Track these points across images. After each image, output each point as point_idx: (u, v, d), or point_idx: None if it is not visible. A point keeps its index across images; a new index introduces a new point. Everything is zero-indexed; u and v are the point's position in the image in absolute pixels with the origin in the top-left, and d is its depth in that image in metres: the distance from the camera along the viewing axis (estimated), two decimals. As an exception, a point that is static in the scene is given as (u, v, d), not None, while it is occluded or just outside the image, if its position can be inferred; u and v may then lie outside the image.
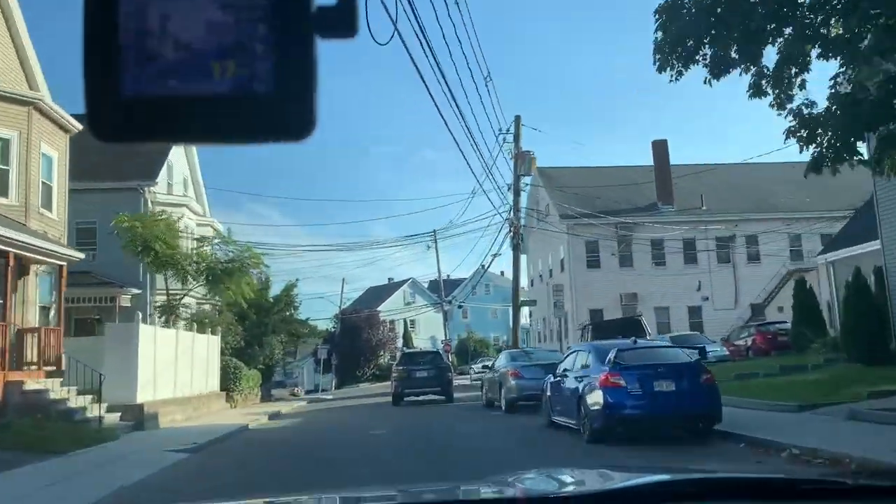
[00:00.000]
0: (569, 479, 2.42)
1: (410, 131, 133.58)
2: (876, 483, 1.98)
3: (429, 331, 76.26)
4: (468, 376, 63.39)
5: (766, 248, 39.61)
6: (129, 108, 0.72)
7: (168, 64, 0.71)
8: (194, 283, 23.56)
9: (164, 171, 28.43)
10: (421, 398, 25.56)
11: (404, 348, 52.63)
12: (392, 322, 72.53)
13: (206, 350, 24.22)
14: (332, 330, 72.08)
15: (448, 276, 64.63)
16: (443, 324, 62.11)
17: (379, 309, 71.99)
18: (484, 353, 75.33)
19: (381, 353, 69.47)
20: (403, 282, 75.98)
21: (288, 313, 34.56)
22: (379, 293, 77.05)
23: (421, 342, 74.67)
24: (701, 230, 39.49)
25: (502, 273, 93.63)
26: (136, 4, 0.72)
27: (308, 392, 63.84)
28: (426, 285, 78.68)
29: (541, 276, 46.18)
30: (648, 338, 27.18)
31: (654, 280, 39.58)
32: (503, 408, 18.91)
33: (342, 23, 0.75)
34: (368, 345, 68.19)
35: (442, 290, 59.23)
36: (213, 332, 26.11)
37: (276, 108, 0.73)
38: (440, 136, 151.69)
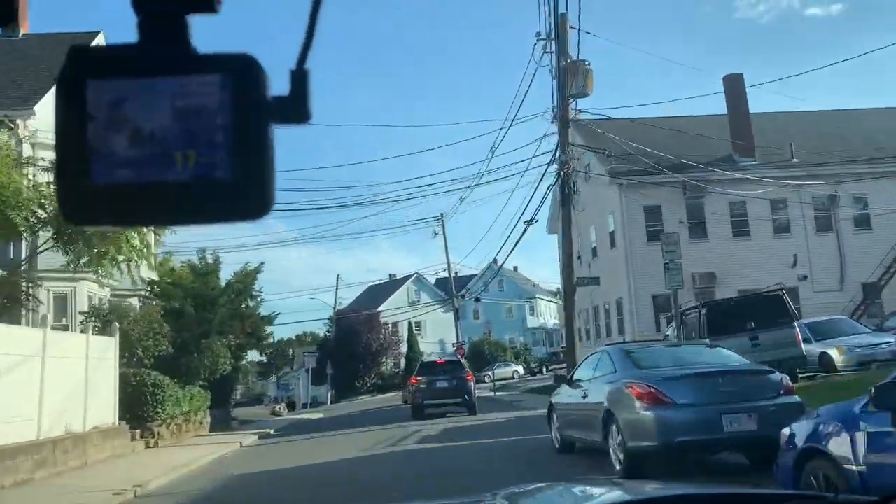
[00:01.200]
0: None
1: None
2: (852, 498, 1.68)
3: (437, 333, 66.36)
4: (487, 385, 53.82)
5: (880, 212, 29.78)
6: (98, 196, 0.75)
7: (134, 155, 0.75)
8: (38, 238, 13.93)
9: (47, 102, 18.88)
10: (442, 409, 23.13)
11: (422, 358, 43.02)
12: (395, 324, 62.71)
13: (81, 360, 14.43)
14: (327, 335, 62.32)
15: (456, 273, 54.52)
16: (454, 324, 52.37)
17: (380, 309, 62.18)
18: (500, 357, 65.47)
19: (384, 359, 59.62)
20: (406, 278, 66.21)
21: (243, 306, 24.68)
22: (379, 292, 67.27)
23: (428, 346, 64.73)
24: (793, 189, 29.70)
25: (516, 268, 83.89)
26: (105, 101, 0.76)
27: (304, 406, 54.13)
28: (432, 282, 68.93)
29: (579, 257, 36.33)
30: (796, 323, 17.45)
31: (736, 255, 29.78)
32: (620, 463, 8.90)
33: (295, 111, 0.79)
34: (368, 350, 58.39)
35: (452, 283, 49.45)
36: (107, 332, 16.34)
37: (235, 192, 0.76)
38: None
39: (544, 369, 60.57)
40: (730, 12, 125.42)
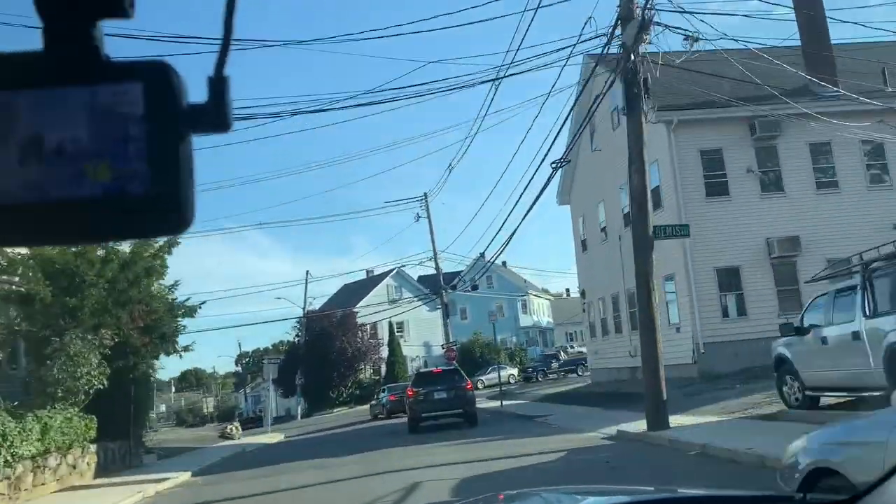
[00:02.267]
0: None
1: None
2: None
3: (422, 334, 58.41)
4: (481, 391, 45.90)
5: None
6: (4, 215, 0.71)
7: (40, 170, 0.71)
8: None
9: None
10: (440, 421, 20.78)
11: (420, 369, 35.36)
12: (374, 325, 54.69)
13: None
14: (296, 339, 54.17)
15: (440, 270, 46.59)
16: (442, 322, 44.56)
17: (356, 308, 54.13)
18: (493, 359, 57.69)
19: (361, 366, 51.56)
20: (386, 273, 58.21)
21: (135, 289, 16.07)
22: (356, 291, 59.22)
23: (412, 349, 56.72)
24: (891, 127, 22.31)
25: (505, 264, 76.29)
26: (8, 112, 0.71)
27: (270, 423, 46.10)
28: (415, 278, 61.06)
29: (603, 229, 28.60)
30: None
31: (821, 213, 22.29)
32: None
33: (215, 119, 0.74)
34: (343, 356, 50.26)
35: (440, 274, 41.57)
36: None
37: (152, 206, 0.72)
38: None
39: (539, 376, 52.76)
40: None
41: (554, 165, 17.69)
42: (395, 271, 57.45)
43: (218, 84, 0.75)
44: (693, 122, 22.19)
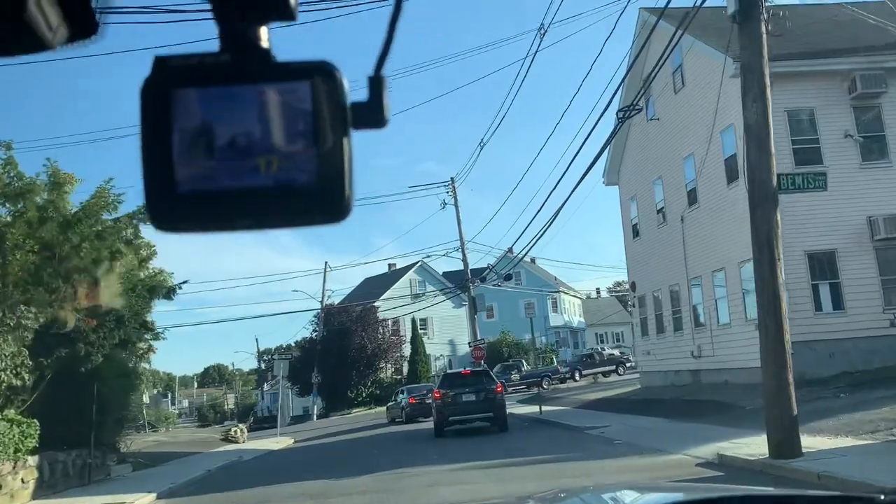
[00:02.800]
0: None
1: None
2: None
3: (446, 331, 54.80)
4: (509, 392, 42.42)
5: None
6: (184, 203, 0.77)
7: (218, 162, 0.77)
8: None
9: None
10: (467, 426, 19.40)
11: (447, 370, 32.02)
12: (395, 322, 51.20)
13: None
14: (313, 335, 50.84)
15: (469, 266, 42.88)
16: (467, 319, 40.93)
17: (377, 303, 50.69)
18: (522, 359, 54.01)
19: (382, 364, 48.12)
20: (409, 267, 54.68)
21: (83, 252, 12.45)
22: (377, 285, 55.76)
23: (436, 347, 53.10)
24: None
25: (534, 260, 72.49)
26: (188, 110, 0.77)
27: (295, 419, 42.97)
28: (440, 272, 57.48)
29: (660, 210, 24.78)
30: None
31: (935, 188, 18.34)
32: None
33: (373, 116, 0.80)
34: (363, 354, 46.85)
35: (466, 264, 37.91)
36: None
37: (316, 196, 0.78)
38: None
39: (577, 375, 49.12)
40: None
41: (621, 115, 13.96)
42: (418, 264, 53.87)
43: (376, 83, 0.80)
44: (779, 76, 18.35)
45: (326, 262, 48.60)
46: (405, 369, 48.74)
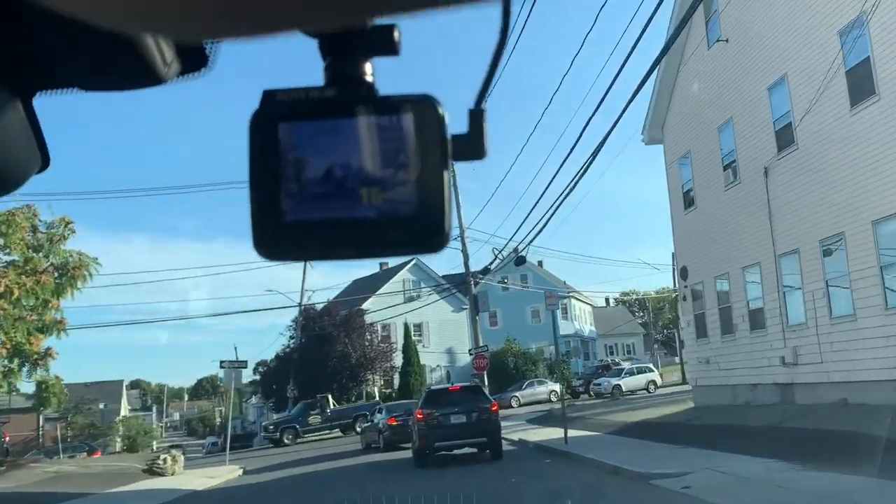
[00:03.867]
0: None
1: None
2: None
3: (444, 339, 48.12)
4: (517, 412, 35.85)
5: None
6: (289, 232, 0.79)
7: (323, 192, 0.79)
8: None
9: None
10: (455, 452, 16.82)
11: (431, 386, 25.21)
12: (386, 328, 44.65)
13: None
14: (290, 342, 44.23)
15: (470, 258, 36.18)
16: (469, 322, 34.38)
17: (364, 307, 44.13)
18: (530, 371, 47.41)
19: (368, 375, 41.49)
20: (402, 265, 48.15)
21: None
22: (367, 287, 49.24)
23: (432, 357, 46.39)
24: None
25: (541, 263, 66.06)
26: (295, 142, 0.79)
27: (271, 441, 36.45)
28: (439, 274, 50.88)
29: (730, 165, 18.15)
30: None
31: None
32: None
33: (473, 148, 0.81)
34: (345, 363, 40.19)
35: (467, 255, 31.33)
36: None
37: (416, 227, 0.79)
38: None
39: (591, 390, 42.64)
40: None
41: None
42: (412, 262, 47.30)
43: (477, 116, 0.82)
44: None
45: (306, 261, 41.99)
46: (396, 382, 42.20)
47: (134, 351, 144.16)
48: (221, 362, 25.07)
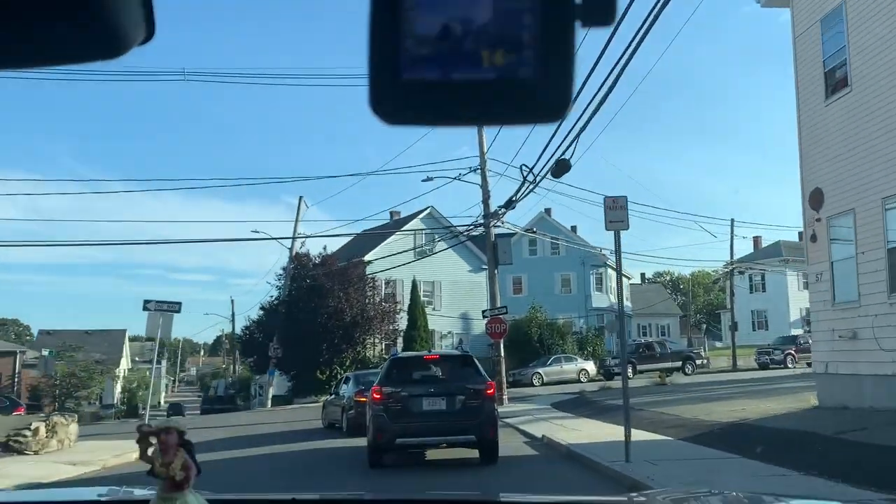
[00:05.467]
0: None
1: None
2: None
3: (458, 302, 41.19)
4: (537, 388, 29.37)
5: None
6: (408, 90, 0.75)
7: (443, 51, 0.74)
8: None
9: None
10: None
11: (393, 350, 17.58)
12: (390, 284, 37.92)
13: None
14: (277, 293, 37.72)
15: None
16: (487, 279, 27.50)
17: (367, 258, 37.40)
18: (556, 346, 40.42)
19: (365, 337, 34.80)
20: (414, 215, 41.16)
21: None
22: (376, 239, 42.40)
23: (442, 322, 39.45)
24: None
25: (574, 229, 58.76)
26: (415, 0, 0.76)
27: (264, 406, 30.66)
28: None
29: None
30: None
31: None
32: None
33: (602, 12, 0.78)
34: (339, 320, 33.52)
35: (487, 184, 24.22)
36: None
37: (537, 92, 0.75)
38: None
39: (630, 370, 35.62)
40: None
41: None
42: (426, 212, 40.32)
43: None
44: None
45: (302, 198, 35.02)
46: (399, 347, 35.53)
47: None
48: (146, 302, 18.49)
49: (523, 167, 17.56)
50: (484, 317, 25.15)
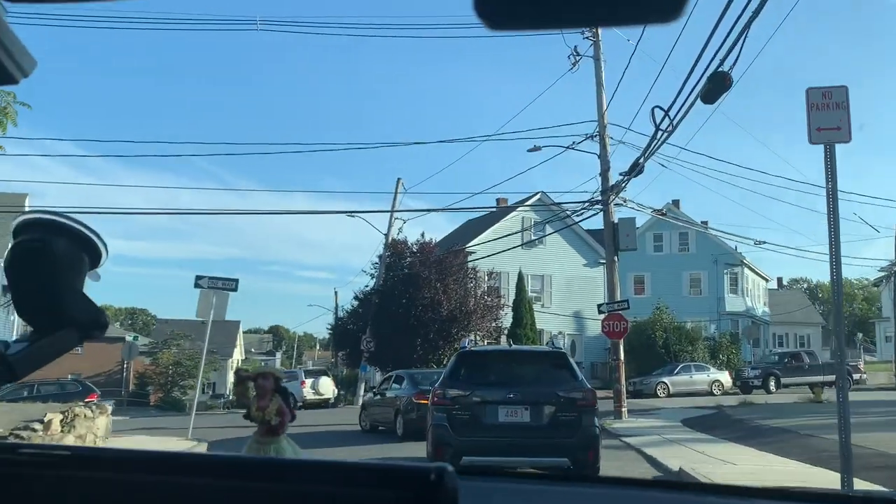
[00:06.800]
0: None
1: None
2: None
3: (571, 299, 36.67)
4: (662, 400, 24.54)
5: None
6: None
7: None
8: None
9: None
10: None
11: (465, 346, 13.05)
12: (494, 276, 34.07)
13: None
14: (370, 286, 34.75)
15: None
16: (605, 269, 23.06)
17: (469, 246, 33.73)
18: (683, 352, 35.14)
19: (463, 333, 31.18)
20: (523, 200, 37.05)
21: None
22: (482, 227, 38.65)
23: (552, 321, 35.15)
24: None
25: (706, 223, 52.62)
26: None
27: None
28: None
29: None
30: None
31: None
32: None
33: None
34: (435, 314, 30.03)
35: (606, 151, 19.92)
36: None
37: None
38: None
39: (772, 383, 30.17)
40: None
41: None
42: (536, 197, 36.14)
43: None
44: None
45: (399, 180, 31.71)
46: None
47: (279, 300, 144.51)
48: (197, 278, 15.61)
49: (655, 110, 13.23)
50: (600, 312, 20.78)
